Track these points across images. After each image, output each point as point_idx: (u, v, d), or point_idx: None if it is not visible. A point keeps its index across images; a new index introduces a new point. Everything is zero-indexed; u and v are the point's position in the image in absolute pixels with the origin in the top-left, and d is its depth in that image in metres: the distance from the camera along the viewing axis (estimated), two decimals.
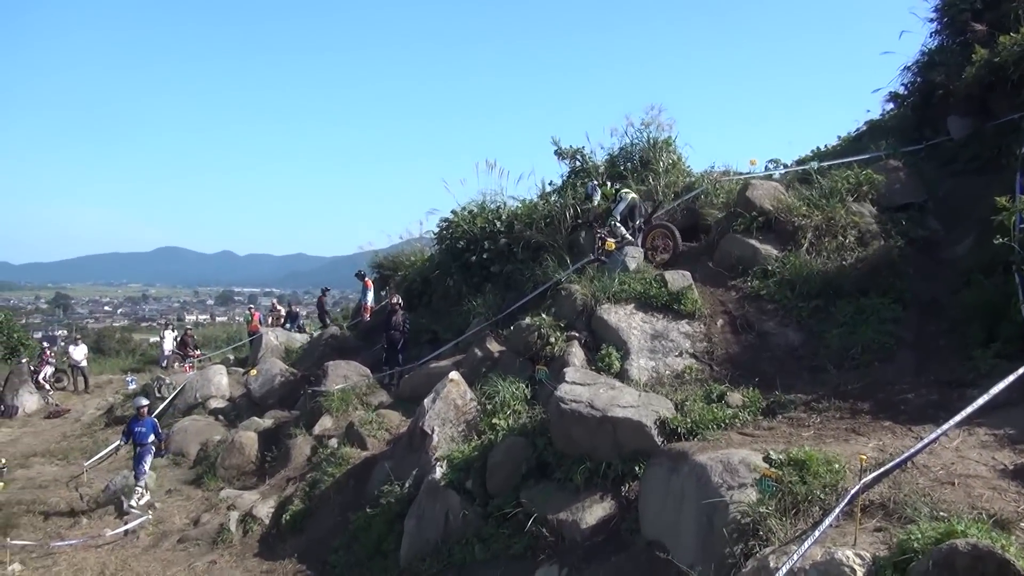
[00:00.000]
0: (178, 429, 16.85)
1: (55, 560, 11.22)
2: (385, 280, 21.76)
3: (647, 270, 11.28)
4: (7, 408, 21.35)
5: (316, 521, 11.00)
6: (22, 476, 15.25)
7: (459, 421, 10.64)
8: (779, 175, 13.25)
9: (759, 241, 11.02)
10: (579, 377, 8.92)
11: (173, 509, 13.13)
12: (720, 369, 9.36)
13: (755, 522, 5.52)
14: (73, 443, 18.08)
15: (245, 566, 10.47)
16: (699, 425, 7.57)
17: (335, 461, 11.93)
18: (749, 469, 5.97)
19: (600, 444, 7.95)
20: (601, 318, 10.39)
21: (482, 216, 16.96)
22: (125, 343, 46.72)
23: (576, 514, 7.63)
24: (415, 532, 9.14)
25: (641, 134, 15.90)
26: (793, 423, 7.48)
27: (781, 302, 10.03)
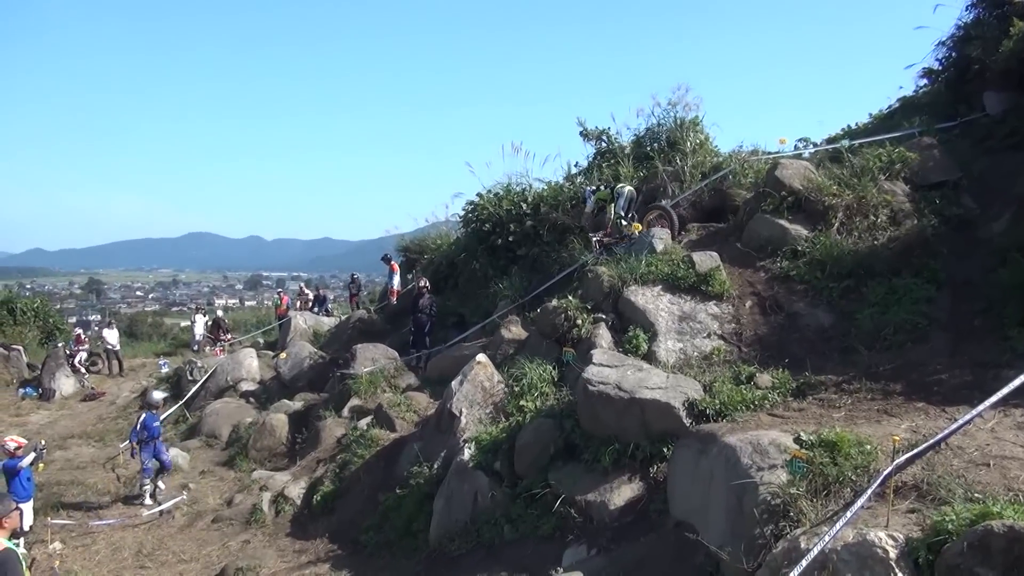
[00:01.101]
0: (210, 411, 17.16)
1: (94, 539, 11.50)
2: (411, 263, 21.87)
3: (675, 251, 11.21)
4: (45, 391, 21.83)
5: (346, 502, 11.15)
6: (61, 457, 15.63)
7: (486, 403, 10.70)
8: (809, 154, 13.06)
9: (788, 221, 10.87)
10: (606, 359, 8.90)
11: (207, 490, 13.38)
12: (749, 350, 9.29)
13: (785, 503, 5.49)
14: (108, 425, 18.46)
15: (278, 545, 10.66)
16: (728, 407, 7.53)
17: (364, 443, 12.06)
18: (779, 450, 5.93)
19: (628, 426, 7.95)
20: (628, 300, 10.35)
21: (508, 199, 16.95)
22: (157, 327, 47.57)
23: (604, 495, 7.65)
24: (444, 512, 9.23)
25: (668, 114, 15.74)
26: (824, 404, 7.42)
27: (811, 283, 9.90)
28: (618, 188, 13.23)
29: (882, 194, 10.69)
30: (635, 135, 16.43)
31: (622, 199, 13.04)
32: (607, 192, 13.33)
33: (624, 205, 13.02)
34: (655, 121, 15.93)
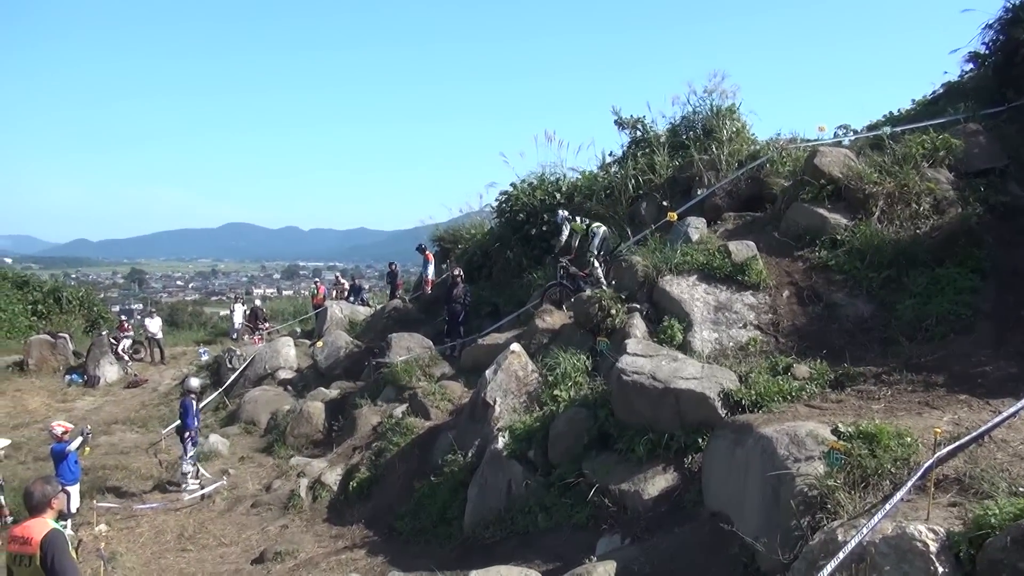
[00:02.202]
0: (249, 399, 17.46)
1: (137, 522, 11.80)
2: (446, 253, 21.96)
3: (710, 240, 11.10)
4: (90, 378, 22.39)
5: (382, 488, 11.28)
6: (105, 442, 16.03)
7: (520, 392, 10.73)
8: (849, 141, 12.81)
9: (827, 210, 10.70)
10: (641, 349, 8.87)
11: (246, 475, 13.63)
12: (786, 341, 9.19)
13: (823, 495, 5.42)
14: (151, 411, 18.89)
15: (315, 531, 10.83)
16: (764, 397, 7.46)
17: (400, 431, 12.18)
18: (817, 442, 5.86)
19: (662, 416, 7.92)
20: (663, 289, 10.28)
21: (541, 188, 16.95)
22: (197, 316, 48.49)
23: (638, 485, 7.64)
24: (478, 500, 9.30)
25: (704, 102, 15.57)
26: (863, 396, 7.30)
27: (850, 272, 9.74)
28: (594, 227, 13.49)
29: (925, 182, 10.46)
30: (670, 123, 16.29)
31: (597, 238, 13.30)
32: (582, 227, 13.60)
33: (599, 244, 13.30)
34: (691, 109, 15.80)
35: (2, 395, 21.10)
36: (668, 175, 14.87)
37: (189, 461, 13.22)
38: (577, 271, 13.51)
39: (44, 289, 33.93)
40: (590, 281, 13.10)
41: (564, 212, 14.20)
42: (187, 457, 13.23)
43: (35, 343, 23.78)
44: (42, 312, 32.25)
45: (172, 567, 9.99)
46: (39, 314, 32.08)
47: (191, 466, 13.20)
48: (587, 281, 13.18)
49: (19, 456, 14.94)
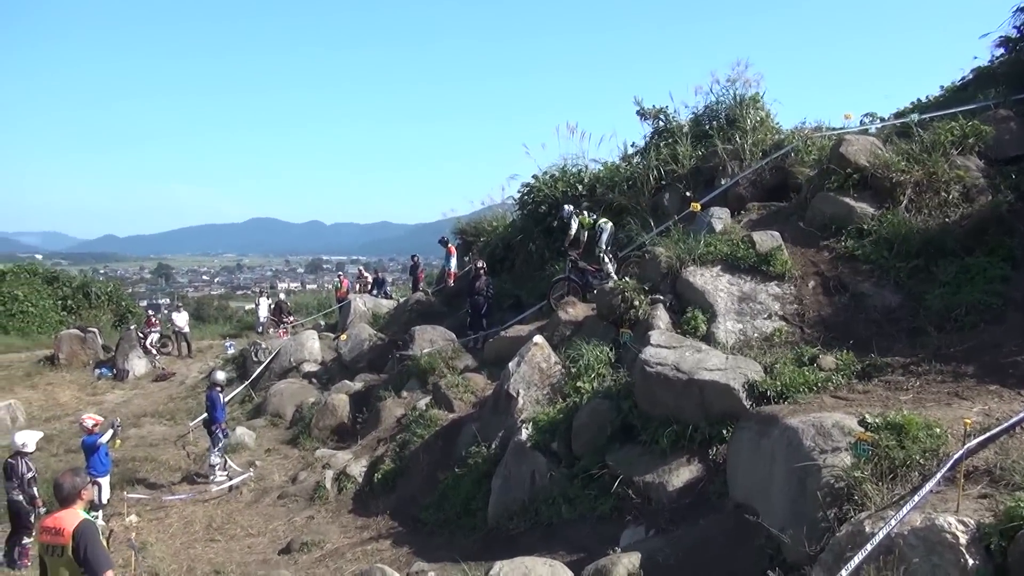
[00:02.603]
0: (274, 392, 17.64)
1: (167, 513, 11.99)
2: (468, 246, 21.99)
3: (734, 231, 11.01)
4: (119, 372, 22.75)
5: (406, 480, 11.35)
6: (135, 435, 16.29)
7: (543, 384, 10.74)
8: (875, 129, 12.63)
9: (854, 199, 10.54)
10: (664, 340, 8.83)
11: (272, 467, 13.79)
12: (812, 331, 9.10)
13: (850, 486, 5.37)
14: (179, 404, 19.17)
15: (341, 521, 10.93)
16: (789, 388, 7.38)
17: (423, 423, 12.25)
18: (843, 433, 5.80)
19: (686, 407, 7.88)
20: (686, 280, 10.22)
21: (563, 180, 16.90)
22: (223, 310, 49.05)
23: (662, 476, 7.62)
24: (502, 491, 9.32)
25: (727, 91, 15.41)
26: (890, 386, 7.21)
27: (877, 262, 9.61)
28: (600, 223, 13.79)
29: (954, 169, 10.29)
30: (693, 113, 16.15)
31: (605, 234, 13.58)
32: (589, 221, 13.85)
33: (607, 240, 13.62)
34: (714, 99, 15.65)
35: (34, 388, 21.52)
36: (691, 165, 14.77)
37: (217, 453, 13.40)
38: (586, 266, 13.68)
39: (73, 284, 34.52)
40: (600, 276, 13.32)
41: (570, 207, 14.47)
42: (215, 449, 13.41)
43: (65, 338, 24.20)
44: (72, 307, 32.83)
45: (201, 557, 10.13)
46: (69, 309, 32.66)
47: (219, 458, 13.38)
48: (597, 276, 13.42)
49: (51, 448, 15.24)
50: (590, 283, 13.56)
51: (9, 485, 10.01)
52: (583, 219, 14.00)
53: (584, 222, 13.94)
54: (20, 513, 9.95)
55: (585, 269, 13.73)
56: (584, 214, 14.17)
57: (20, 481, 9.94)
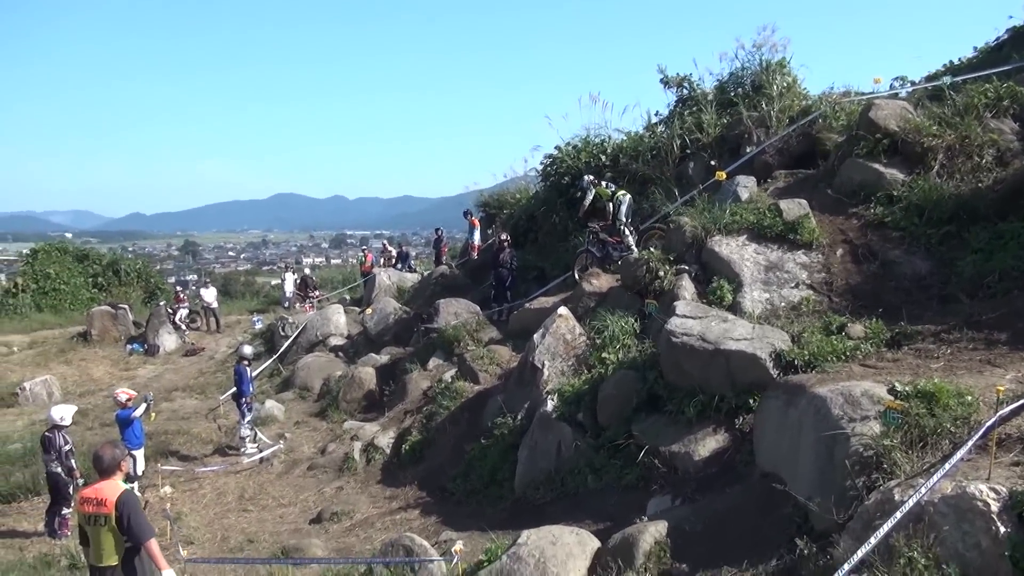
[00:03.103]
0: (302, 365, 17.87)
1: (200, 484, 12.25)
2: (491, 218, 21.96)
3: (760, 199, 10.87)
4: (150, 347, 23.16)
5: (433, 451, 11.48)
6: (167, 409, 16.62)
7: (568, 355, 10.75)
8: (906, 93, 12.36)
9: (883, 165, 10.35)
10: (690, 310, 8.78)
11: (302, 439, 14.01)
12: (840, 300, 8.99)
13: (879, 455, 5.33)
14: (209, 379, 19.48)
15: (369, 492, 11.10)
16: (817, 357, 7.31)
17: (449, 395, 12.35)
18: (872, 401, 5.74)
19: (712, 377, 7.85)
20: (712, 250, 10.13)
21: (587, 151, 16.77)
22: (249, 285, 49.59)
23: (689, 446, 7.63)
24: (528, 462, 9.40)
25: (753, 57, 15.15)
26: (920, 354, 7.11)
27: (907, 229, 9.44)
28: (620, 195, 13.87)
29: (988, 133, 10.04)
30: (718, 81, 15.90)
31: (624, 206, 13.61)
32: (607, 192, 13.84)
33: (627, 211, 13.67)
34: (739, 65, 15.40)
35: (68, 364, 22.00)
36: (716, 134, 14.57)
37: (247, 426, 13.63)
38: (607, 237, 13.69)
39: (103, 262, 35.08)
40: (620, 248, 13.34)
41: (589, 177, 14.50)
42: (244, 422, 13.64)
43: (97, 314, 24.64)
44: (102, 284, 33.40)
45: (235, 526, 10.36)
46: (99, 286, 33.24)
47: (249, 430, 13.61)
48: (617, 248, 13.43)
49: (86, 422, 15.59)
50: (610, 255, 13.57)
51: (47, 458, 10.28)
52: (600, 190, 13.99)
53: (602, 193, 13.93)
54: (59, 485, 10.22)
55: (606, 241, 13.74)
56: (602, 185, 14.12)
57: (58, 454, 10.19)
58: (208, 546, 9.60)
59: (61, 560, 8.79)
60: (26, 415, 17.36)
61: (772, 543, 5.70)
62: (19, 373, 20.90)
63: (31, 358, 22.81)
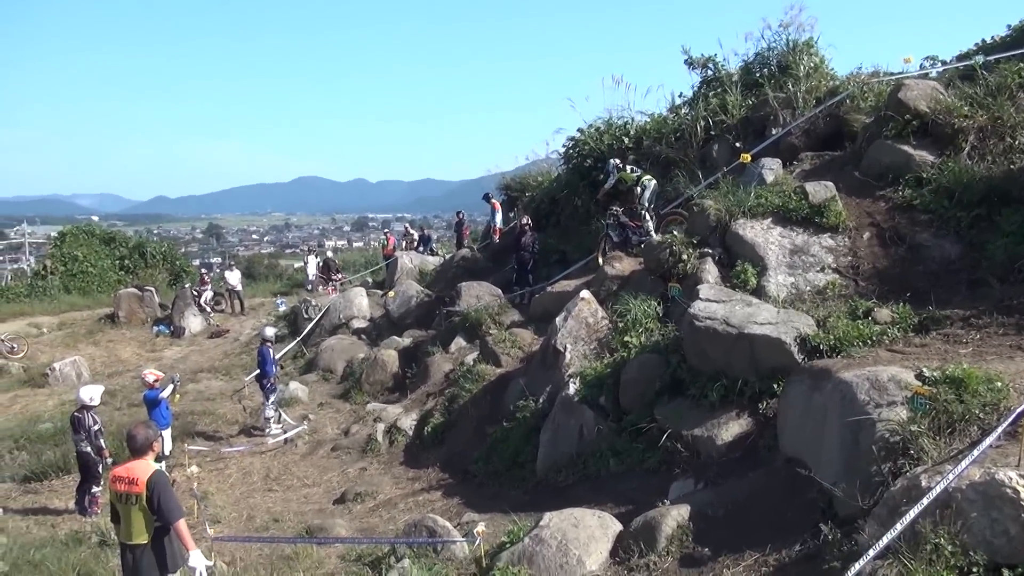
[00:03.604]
0: (325, 347, 18.01)
1: (226, 464, 12.44)
2: (513, 202, 21.92)
3: (786, 182, 10.74)
4: (176, 329, 23.47)
5: (456, 433, 11.55)
6: (192, 390, 16.85)
7: (591, 339, 10.73)
8: (937, 73, 12.11)
9: (912, 147, 10.16)
10: (713, 294, 8.72)
11: (325, 420, 14.15)
12: (867, 284, 8.88)
13: (905, 441, 5.28)
14: (234, 360, 19.71)
15: (392, 473, 11.21)
16: (843, 342, 7.23)
17: (471, 377, 12.40)
18: (899, 387, 5.68)
19: (736, 361, 7.80)
20: (736, 233, 10.03)
21: (609, 133, 16.65)
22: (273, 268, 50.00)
23: (712, 430, 7.60)
24: (550, 445, 9.42)
25: (779, 37, 14.87)
26: (949, 340, 7.02)
27: (937, 212, 9.27)
28: (644, 180, 13.65)
29: (1021, 114, 9.81)
30: (743, 61, 15.67)
31: (648, 191, 13.52)
32: (632, 177, 13.70)
33: (650, 197, 13.52)
34: (765, 45, 15.14)
35: (96, 345, 22.37)
36: (741, 115, 14.38)
37: (271, 407, 13.79)
38: (627, 221, 13.61)
39: (130, 245, 35.54)
40: (640, 232, 13.28)
41: (615, 160, 14.39)
42: (268, 403, 13.79)
43: (124, 296, 25.00)
44: (129, 267, 33.86)
45: (260, 506, 10.51)
46: (126, 269, 33.71)
47: (273, 411, 13.77)
48: (637, 232, 13.38)
49: (115, 402, 15.87)
50: (630, 239, 13.53)
51: (77, 438, 10.47)
52: (625, 175, 13.92)
53: (627, 178, 13.87)
54: (89, 464, 10.43)
55: (626, 224, 13.67)
56: (627, 169, 14.04)
57: (88, 433, 10.38)
58: (234, 525, 9.74)
59: (91, 537, 8.96)
60: (56, 395, 17.71)
61: (795, 528, 5.68)
62: (49, 354, 21.30)
63: (60, 339, 23.23)
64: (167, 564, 5.55)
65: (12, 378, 19.60)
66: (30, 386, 18.87)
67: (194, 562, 5.52)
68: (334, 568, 7.61)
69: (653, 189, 13.57)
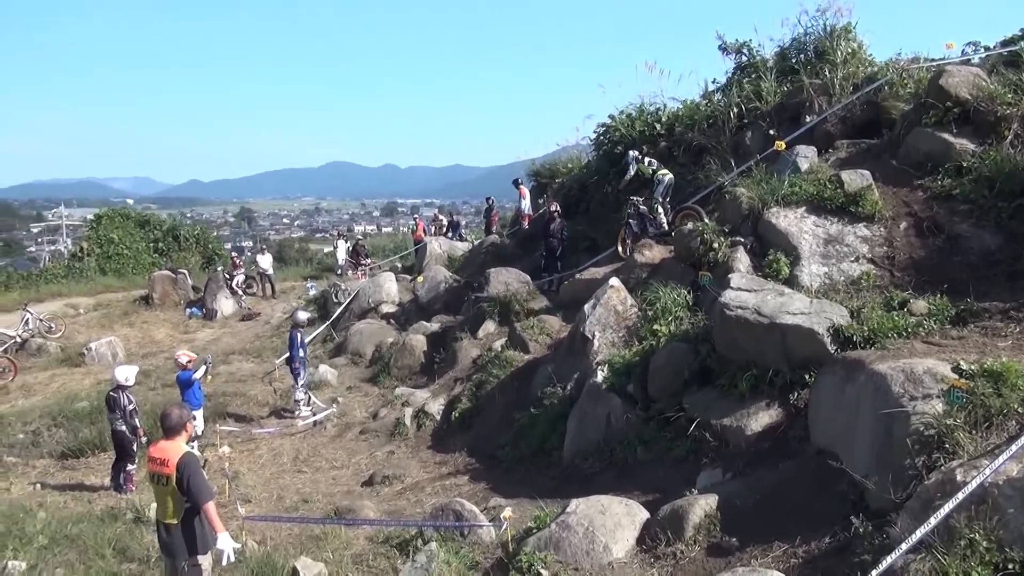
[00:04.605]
0: (354, 331, 18.16)
1: (257, 445, 12.61)
2: (542, 188, 21.84)
3: (821, 170, 10.56)
4: (208, 311, 23.79)
5: (483, 418, 11.59)
6: (224, 371, 17.08)
7: (619, 327, 10.69)
8: (979, 59, 11.80)
9: (953, 135, 9.93)
10: (745, 283, 8.62)
11: (354, 404, 14.28)
12: (902, 275, 8.72)
13: (940, 434, 5.20)
14: (265, 343, 19.95)
15: (420, 457, 11.29)
16: (877, 333, 7.11)
17: (499, 363, 12.41)
18: (935, 379, 5.58)
19: (767, 351, 7.72)
20: (769, 222, 9.91)
21: (641, 119, 16.50)
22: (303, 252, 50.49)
23: (741, 420, 7.53)
24: (577, 432, 9.42)
25: (816, 22, 14.56)
26: (987, 332, 6.87)
27: (976, 202, 9.07)
28: (660, 174, 13.80)
29: None
30: (779, 47, 15.38)
31: (662, 185, 13.70)
32: (649, 171, 13.93)
33: (663, 191, 13.71)
34: (802, 30, 14.83)
35: (131, 326, 22.78)
36: (775, 102, 14.15)
37: (301, 389, 13.94)
38: (647, 212, 13.79)
39: (163, 228, 36.12)
40: (654, 224, 13.55)
41: (634, 152, 14.47)
42: (297, 386, 13.95)
43: (158, 278, 25.40)
44: (162, 250, 34.42)
45: (290, 486, 10.65)
46: (160, 251, 34.27)
47: (303, 394, 13.92)
48: (653, 223, 13.61)
49: (149, 383, 16.16)
50: (647, 230, 13.71)
51: (112, 416, 10.69)
52: (642, 167, 14.03)
53: (643, 170, 13.99)
54: (124, 442, 10.64)
55: (645, 215, 13.84)
56: (645, 162, 14.11)
57: (123, 413, 10.59)
58: (264, 504, 9.88)
59: (127, 513, 9.15)
60: (92, 374, 18.08)
61: (825, 520, 5.63)
62: (85, 334, 21.73)
63: (96, 320, 23.69)
64: (197, 545, 5.65)
65: (50, 357, 20.04)
66: (67, 365, 19.28)
67: (222, 544, 5.60)
68: (362, 549, 7.68)
69: (668, 183, 13.71)
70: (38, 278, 31.26)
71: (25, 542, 8.25)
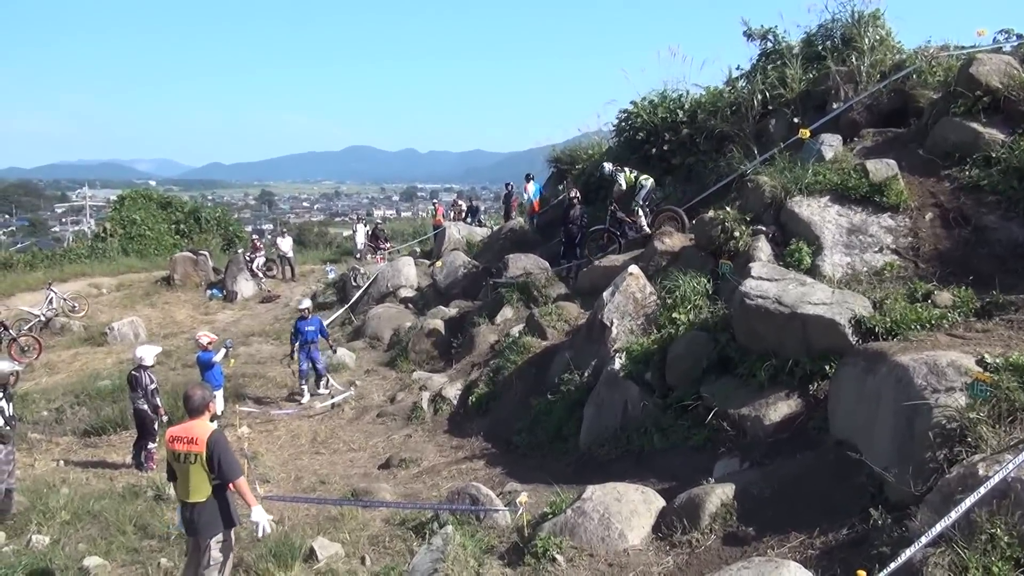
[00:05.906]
0: (372, 315, 18.25)
1: (275, 426, 12.73)
2: (563, 174, 21.73)
3: (846, 159, 10.42)
4: (229, 293, 24.01)
5: (500, 404, 11.61)
6: (244, 353, 17.24)
7: (638, 314, 10.65)
8: (1012, 47, 11.55)
9: (982, 124, 9.74)
10: (766, 272, 8.54)
11: (372, 387, 14.36)
12: (927, 266, 8.60)
13: (963, 428, 5.14)
14: (284, 325, 20.06)
15: (437, 441, 11.34)
16: (900, 325, 7.03)
17: (517, 349, 12.41)
18: (959, 372, 5.51)
19: (787, 341, 7.66)
20: (791, 211, 9.80)
21: (663, 106, 16.34)
22: (323, 236, 50.74)
23: (759, 410, 7.49)
24: (594, 419, 9.41)
25: (844, 8, 14.31)
26: (1013, 326, 6.76)
27: (1005, 193, 8.90)
28: (642, 180, 14.39)
29: None
30: (805, 33, 15.14)
31: (644, 190, 14.27)
32: (631, 178, 14.49)
33: (645, 196, 14.27)
34: (828, 16, 14.57)
35: (153, 307, 23.05)
36: (800, 89, 13.95)
37: (302, 379, 14.05)
38: (624, 217, 14.38)
39: (185, 210, 36.43)
40: (634, 228, 14.15)
41: (609, 164, 15.23)
42: (320, 367, 14.06)
43: (180, 260, 25.66)
44: (184, 231, 34.73)
45: (308, 468, 10.75)
46: (181, 233, 34.59)
47: (304, 383, 14.03)
48: (632, 227, 14.21)
49: (170, 363, 16.36)
50: (627, 234, 14.31)
51: (134, 396, 10.83)
52: (626, 176, 14.55)
53: (627, 179, 14.48)
54: (145, 421, 10.78)
55: (623, 220, 14.40)
56: (626, 171, 14.66)
57: (144, 392, 10.72)
58: (283, 485, 9.98)
59: (147, 491, 9.29)
60: (114, 353, 18.34)
61: (844, 512, 5.59)
62: (108, 314, 22.02)
63: (119, 300, 23.99)
64: (229, 518, 5.76)
65: (73, 336, 20.34)
66: (90, 344, 19.57)
67: (256, 516, 5.70)
68: (379, 531, 7.75)
69: (650, 188, 14.32)
70: (62, 258, 31.67)
71: (48, 517, 8.42)
